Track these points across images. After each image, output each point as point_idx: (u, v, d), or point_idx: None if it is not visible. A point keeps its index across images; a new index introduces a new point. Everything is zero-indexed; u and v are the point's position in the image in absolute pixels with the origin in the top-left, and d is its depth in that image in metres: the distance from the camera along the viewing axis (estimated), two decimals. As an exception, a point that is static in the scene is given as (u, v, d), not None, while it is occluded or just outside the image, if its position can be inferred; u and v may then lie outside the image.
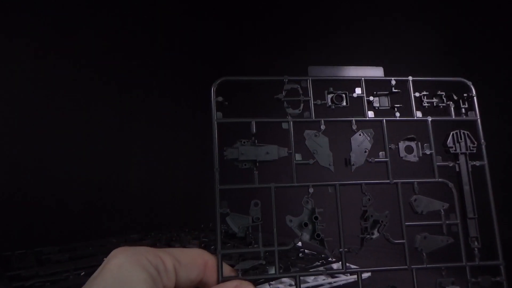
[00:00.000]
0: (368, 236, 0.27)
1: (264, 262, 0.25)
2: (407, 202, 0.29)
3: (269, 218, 0.26)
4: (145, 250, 0.22)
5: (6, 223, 1.03)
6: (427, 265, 0.28)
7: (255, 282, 0.24)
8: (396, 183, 0.29)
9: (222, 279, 0.24)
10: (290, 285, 0.72)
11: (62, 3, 1.15)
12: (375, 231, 0.27)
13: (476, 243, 0.29)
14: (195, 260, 0.24)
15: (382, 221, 0.27)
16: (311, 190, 0.27)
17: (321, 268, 0.72)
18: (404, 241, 0.28)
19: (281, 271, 0.26)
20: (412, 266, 0.27)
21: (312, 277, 0.75)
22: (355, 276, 0.76)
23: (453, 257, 0.28)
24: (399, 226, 0.28)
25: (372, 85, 0.31)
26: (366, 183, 0.28)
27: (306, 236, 0.26)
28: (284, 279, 0.70)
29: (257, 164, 0.27)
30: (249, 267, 0.25)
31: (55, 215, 1.10)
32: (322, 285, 0.74)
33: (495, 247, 0.29)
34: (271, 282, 0.72)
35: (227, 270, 0.25)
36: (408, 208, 0.29)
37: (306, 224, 0.26)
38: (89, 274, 0.79)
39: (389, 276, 0.70)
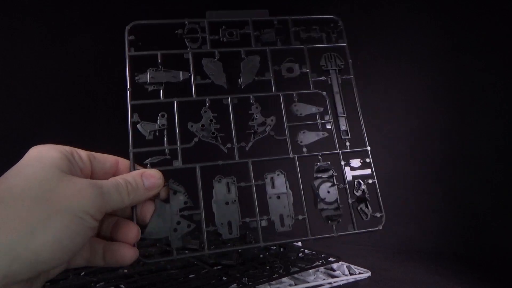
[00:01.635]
0: (255, 131, 0.34)
1: (169, 157, 0.32)
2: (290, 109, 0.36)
3: (173, 128, 0.33)
4: (61, 146, 0.26)
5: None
6: (307, 154, 0.35)
7: (164, 174, 0.30)
8: (279, 94, 0.36)
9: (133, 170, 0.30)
10: (290, 285, 0.74)
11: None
12: (263, 129, 0.34)
13: (347, 136, 0.36)
14: (108, 157, 0.30)
15: (266, 122, 0.34)
16: (208, 102, 0.34)
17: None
18: (286, 137, 0.35)
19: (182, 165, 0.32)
20: (295, 155, 0.34)
21: (312, 277, 0.73)
22: (355, 276, 0.79)
23: (330, 148, 0.36)
24: (284, 128, 0.35)
25: (262, 25, 0.39)
26: (254, 95, 0.35)
27: (204, 135, 0.33)
28: (283, 279, 0.69)
29: (163, 85, 0.34)
30: (156, 162, 0.31)
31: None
32: (322, 285, 0.73)
33: (363, 139, 0.36)
34: (271, 282, 0.70)
35: (138, 167, 0.31)
36: (291, 114, 0.36)
37: (203, 125, 0.33)
38: (88, 274, 0.81)
39: (389, 276, 0.75)
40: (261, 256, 0.80)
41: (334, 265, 0.77)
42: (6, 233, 0.21)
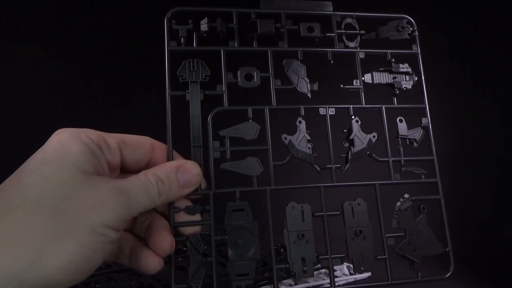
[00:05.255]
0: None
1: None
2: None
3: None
4: (88, 130, 0.23)
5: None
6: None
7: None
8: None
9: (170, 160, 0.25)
10: (290, 285, 0.72)
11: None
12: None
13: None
14: (142, 142, 0.25)
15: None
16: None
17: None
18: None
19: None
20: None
21: (312, 277, 0.74)
22: (355, 276, 0.77)
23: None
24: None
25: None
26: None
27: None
28: (284, 280, 0.68)
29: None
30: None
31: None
32: (322, 285, 0.71)
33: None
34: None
35: (176, 155, 0.26)
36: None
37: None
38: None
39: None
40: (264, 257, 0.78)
41: (337, 267, 0.70)
42: (12, 258, 0.18)
